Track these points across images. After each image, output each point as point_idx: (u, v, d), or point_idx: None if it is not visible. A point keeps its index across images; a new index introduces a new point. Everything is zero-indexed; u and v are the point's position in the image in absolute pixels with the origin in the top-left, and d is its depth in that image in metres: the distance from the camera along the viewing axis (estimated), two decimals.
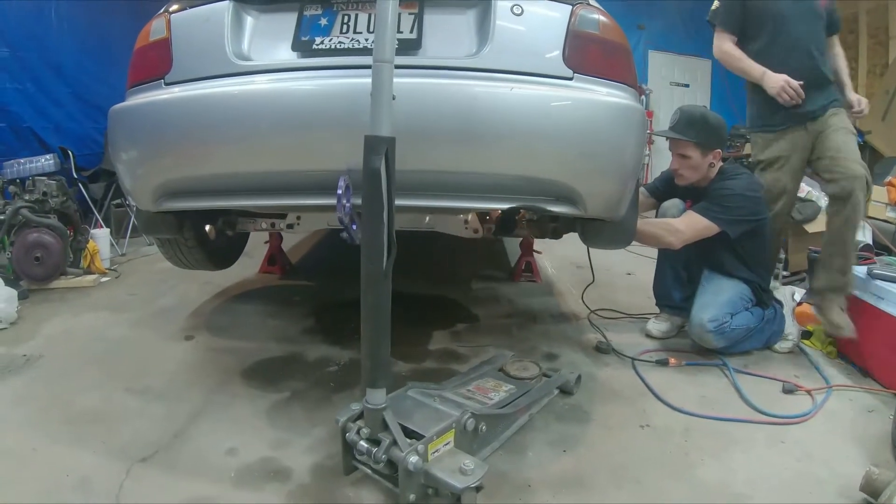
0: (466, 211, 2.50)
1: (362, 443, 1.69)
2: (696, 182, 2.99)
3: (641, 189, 3.31)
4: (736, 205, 2.82)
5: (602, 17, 2.05)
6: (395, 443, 1.65)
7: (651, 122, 8.88)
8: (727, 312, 2.80)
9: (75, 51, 5.76)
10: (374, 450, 1.65)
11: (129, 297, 3.76)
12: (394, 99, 1.58)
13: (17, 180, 4.35)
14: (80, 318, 3.34)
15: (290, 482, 1.83)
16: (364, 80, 1.61)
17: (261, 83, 1.95)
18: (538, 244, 4.59)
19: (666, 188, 3.26)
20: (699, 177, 2.97)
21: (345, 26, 2.01)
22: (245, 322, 3.29)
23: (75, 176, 5.12)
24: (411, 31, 1.98)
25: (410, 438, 1.69)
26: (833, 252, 2.92)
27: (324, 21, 2.03)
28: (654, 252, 3.40)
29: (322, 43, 1.99)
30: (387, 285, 1.61)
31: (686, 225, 2.84)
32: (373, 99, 1.57)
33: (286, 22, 2.06)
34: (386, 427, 1.68)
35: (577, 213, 2.03)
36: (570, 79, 1.95)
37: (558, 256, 5.08)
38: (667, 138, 3.01)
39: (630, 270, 4.64)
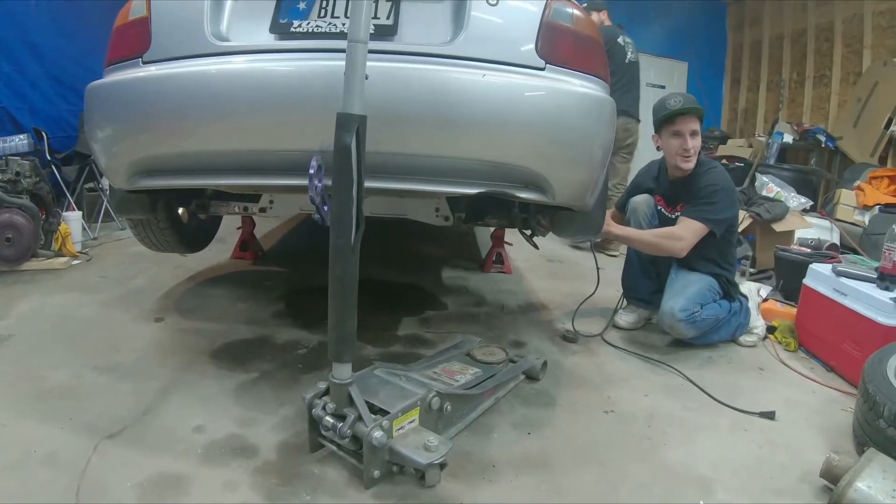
0: (437, 195, 2.53)
1: (328, 418, 1.73)
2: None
3: (613, 211, 3.41)
4: (720, 199, 2.91)
5: (575, 11, 2.10)
6: (360, 418, 1.68)
7: None
8: (697, 303, 2.86)
9: (53, 31, 5.63)
10: (340, 425, 1.69)
11: (100, 279, 3.73)
12: (367, 79, 1.61)
13: None
14: (50, 298, 3.31)
15: (256, 459, 1.85)
16: (339, 63, 1.63)
17: (237, 63, 1.96)
18: (509, 236, 4.62)
19: (636, 193, 3.35)
20: None
21: (323, 10, 2.02)
22: (215, 305, 3.28)
23: (48, 158, 5.05)
24: (388, 18, 2.01)
25: (376, 415, 1.73)
26: None
27: (302, 4, 2.04)
28: (622, 249, 3.44)
29: (300, 26, 2.01)
30: (354, 259, 1.63)
31: (686, 230, 2.90)
32: (346, 77, 1.60)
33: (265, 4, 2.07)
34: (351, 402, 1.71)
35: (545, 201, 2.06)
36: (543, 69, 1.99)
37: (528, 249, 5.10)
38: (675, 120, 2.93)
39: (601, 266, 4.68)
